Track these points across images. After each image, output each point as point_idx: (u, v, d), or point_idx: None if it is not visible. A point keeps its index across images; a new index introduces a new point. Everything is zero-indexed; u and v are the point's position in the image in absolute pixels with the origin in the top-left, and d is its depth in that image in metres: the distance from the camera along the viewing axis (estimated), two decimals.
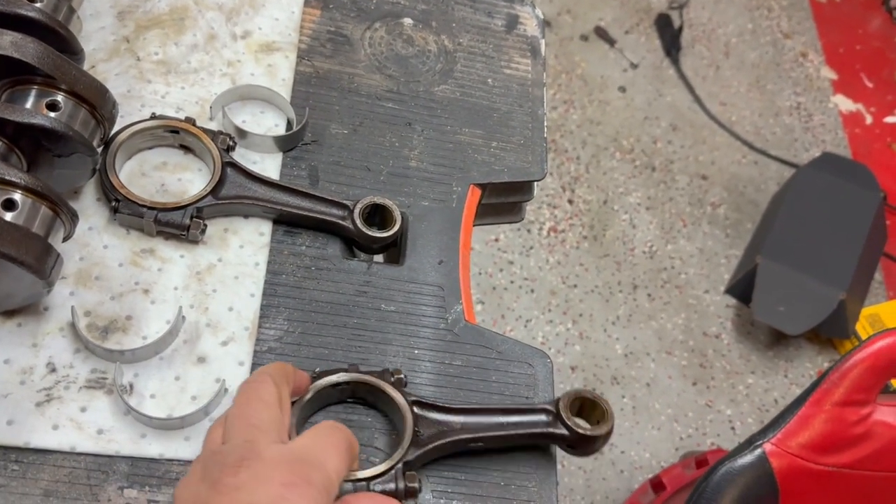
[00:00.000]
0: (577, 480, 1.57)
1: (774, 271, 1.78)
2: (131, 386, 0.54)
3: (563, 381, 1.68)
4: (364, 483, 0.51)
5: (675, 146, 2.12)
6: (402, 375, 0.57)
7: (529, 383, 0.62)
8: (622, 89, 2.19)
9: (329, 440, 0.42)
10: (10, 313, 0.55)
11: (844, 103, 2.40)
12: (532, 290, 1.80)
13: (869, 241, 1.86)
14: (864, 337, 1.80)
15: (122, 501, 0.51)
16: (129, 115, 0.65)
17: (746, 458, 1.03)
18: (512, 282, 1.80)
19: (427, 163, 0.71)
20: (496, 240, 1.85)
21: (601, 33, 2.27)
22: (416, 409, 0.55)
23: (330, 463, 0.41)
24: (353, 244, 0.65)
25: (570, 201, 1.95)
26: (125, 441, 0.52)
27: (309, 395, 0.54)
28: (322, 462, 0.40)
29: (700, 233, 1.98)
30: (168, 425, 0.53)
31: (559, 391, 0.58)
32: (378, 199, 0.65)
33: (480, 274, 1.79)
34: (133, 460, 0.52)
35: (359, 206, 0.64)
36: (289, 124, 0.69)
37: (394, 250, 0.66)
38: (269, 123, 0.69)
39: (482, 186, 0.72)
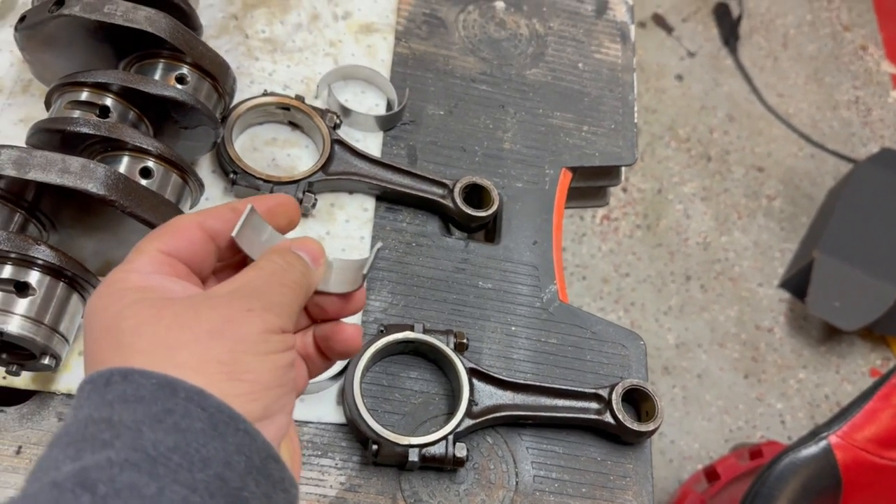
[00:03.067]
0: None
1: (831, 266, 1.77)
2: None
3: None
4: (417, 448, 0.53)
5: (732, 137, 2.10)
6: (464, 339, 0.58)
7: (623, 364, 0.63)
8: (679, 77, 2.17)
9: (294, 266, 0.37)
10: None
11: None
12: (584, 278, 1.80)
13: None
14: None
15: None
16: (239, 91, 0.67)
17: (811, 450, 1.04)
18: (564, 268, 1.81)
19: (520, 145, 0.73)
20: None
21: (659, 20, 2.25)
22: (473, 378, 0.57)
23: (293, 280, 0.37)
24: (451, 222, 0.67)
25: (624, 189, 1.95)
26: None
27: (375, 348, 0.56)
28: (284, 287, 0.36)
29: (755, 225, 1.97)
30: None
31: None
32: (477, 180, 0.66)
33: None
34: None
35: (458, 185, 0.65)
36: (388, 104, 0.71)
37: (490, 230, 0.68)
38: (370, 103, 0.71)
39: (573, 170, 0.73)
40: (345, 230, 0.63)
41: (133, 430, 0.29)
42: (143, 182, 0.51)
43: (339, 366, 0.56)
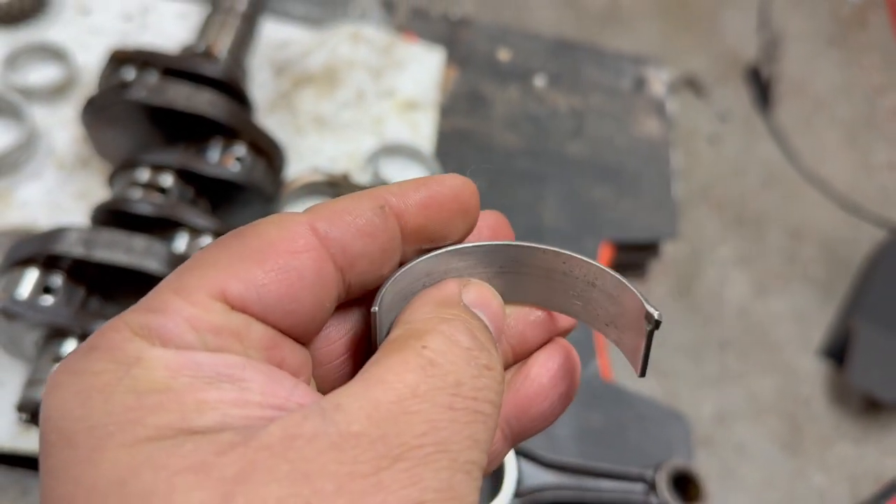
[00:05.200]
0: None
1: (871, 335, 1.74)
2: None
3: None
4: None
5: (766, 201, 2.10)
6: None
7: (667, 443, 0.62)
8: (711, 141, 2.18)
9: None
10: None
11: None
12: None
13: None
14: None
15: None
16: (288, 165, 0.69)
17: None
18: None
19: (560, 219, 0.73)
20: None
21: (690, 83, 2.28)
22: (517, 458, 0.56)
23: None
24: None
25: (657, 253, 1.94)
26: None
27: None
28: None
29: (791, 292, 1.95)
30: None
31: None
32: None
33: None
34: None
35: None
36: None
37: None
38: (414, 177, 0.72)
39: (613, 244, 0.73)
40: None
41: None
42: None
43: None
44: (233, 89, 0.61)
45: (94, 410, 0.18)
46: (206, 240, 0.53)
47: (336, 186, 0.67)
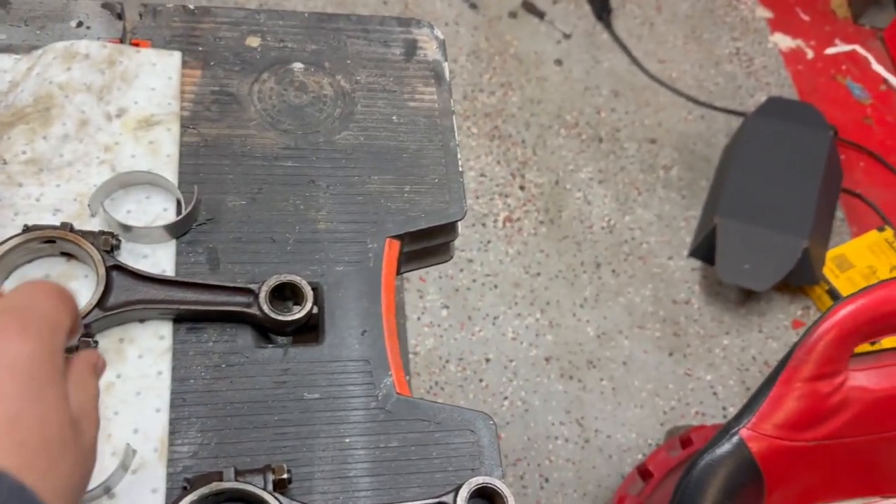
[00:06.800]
0: (566, 474, 1.55)
1: (734, 229, 1.76)
2: None
3: (540, 374, 1.66)
4: None
5: (620, 113, 2.08)
6: (285, 474, 0.51)
7: (474, 452, 0.58)
8: (558, 62, 2.14)
9: (39, 289, 0.38)
10: None
11: (783, 41, 2.37)
12: (496, 286, 1.76)
13: (825, 181, 1.85)
14: (832, 280, 1.79)
15: None
16: (2, 226, 0.59)
17: (725, 448, 1.02)
18: (474, 280, 1.76)
19: (337, 222, 0.66)
20: None
21: (529, 7, 2.21)
22: None
23: (44, 307, 0.37)
24: (265, 329, 0.60)
25: (522, 187, 1.91)
26: None
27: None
28: (35, 306, 0.37)
29: (656, 199, 1.95)
30: None
31: (531, 387, 0.54)
32: (284, 278, 0.60)
33: (441, 277, 1.75)
34: None
35: (263, 289, 0.59)
36: (179, 205, 0.64)
37: (311, 328, 0.62)
38: (157, 209, 0.63)
39: (400, 237, 0.67)
40: (138, 369, 0.56)
41: None
42: None
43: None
44: None
45: None
46: None
47: (57, 242, 0.58)
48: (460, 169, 0.71)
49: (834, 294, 1.78)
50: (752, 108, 2.14)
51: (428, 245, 0.71)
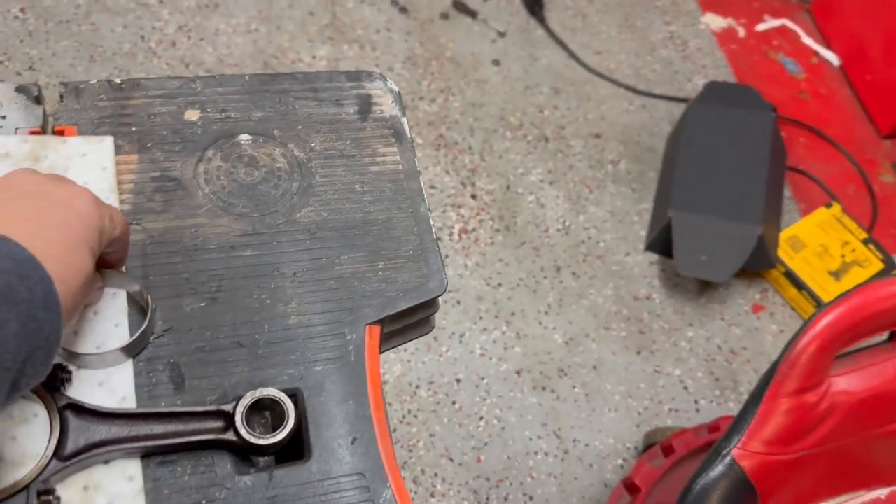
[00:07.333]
0: (550, 489, 1.52)
1: (688, 222, 1.76)
2: None
3: (512, 389, 1.62)
4: None
5: (563, 110, 2.05)
6: None
7: None
8: (496, 63, 2.09)
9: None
10: None
11: (715, 21, 2.38)
12: (458, 302, 1.72)
13: (772, 163, 1.86)
14: (788, 263, 1.81)
15: None
16: None
17: (718, 469, 1.00)
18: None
19: (309, 314, 0.61)
20: None
21: (460, 7, 2.16)
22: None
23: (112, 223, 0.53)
24: (245, 454, 0.54)
25: (474, 196, 1.86)
26: None
27: None
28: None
29: (607, 195, 1.94)
30: None
31: (506, 403, 0.50)
32: (259, 393, 0.54)
33: None
34: None
35: (238, 410, 0.53)
36: (132, 317, 0.57)
37: (295, 445, 0.56)
38: (108, 326, 0.56)
39: (379, 322, 0.62)
40: None
41: None
42: None
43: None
44: None
45: None
46: None
47: None
48: (435, 236, 0.66)
49: (791, 276, 1.80)
50: (691, 92, 2.14)
51: (409, 322, 0.66)
